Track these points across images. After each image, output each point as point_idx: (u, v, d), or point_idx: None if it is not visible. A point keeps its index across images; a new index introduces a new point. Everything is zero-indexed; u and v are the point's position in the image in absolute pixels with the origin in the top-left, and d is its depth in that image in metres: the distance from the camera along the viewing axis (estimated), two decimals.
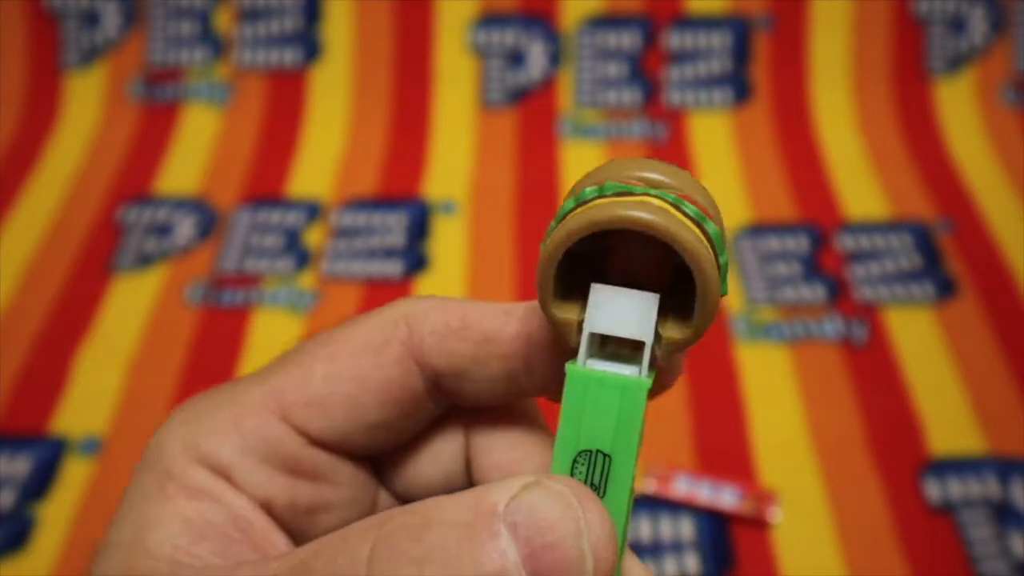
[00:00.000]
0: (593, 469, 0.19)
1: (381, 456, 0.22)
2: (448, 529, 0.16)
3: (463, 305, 0.21)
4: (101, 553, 0.19)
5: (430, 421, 0.22)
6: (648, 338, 0.19)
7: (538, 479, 0.17)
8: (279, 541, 0.20)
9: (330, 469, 0.21)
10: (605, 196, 0.19)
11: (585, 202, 0.19)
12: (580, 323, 0.19)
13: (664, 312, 0.19)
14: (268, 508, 0.21)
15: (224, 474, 0.20)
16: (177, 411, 0.21)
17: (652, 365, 0.19)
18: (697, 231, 0.18)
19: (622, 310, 0.19)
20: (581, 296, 0.20)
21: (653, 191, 0.19)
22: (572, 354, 0.20)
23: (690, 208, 0.18)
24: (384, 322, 0.21)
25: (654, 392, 0.20)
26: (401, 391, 0.21)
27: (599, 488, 0.19)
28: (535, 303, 0.21)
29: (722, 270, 0.19)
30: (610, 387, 0.19)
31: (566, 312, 0.19)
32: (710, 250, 0.18)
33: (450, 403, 0.22)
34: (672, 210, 0.18)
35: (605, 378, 0.19)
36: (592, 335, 0.19)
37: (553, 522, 0.16)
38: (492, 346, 0.21)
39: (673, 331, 0.19)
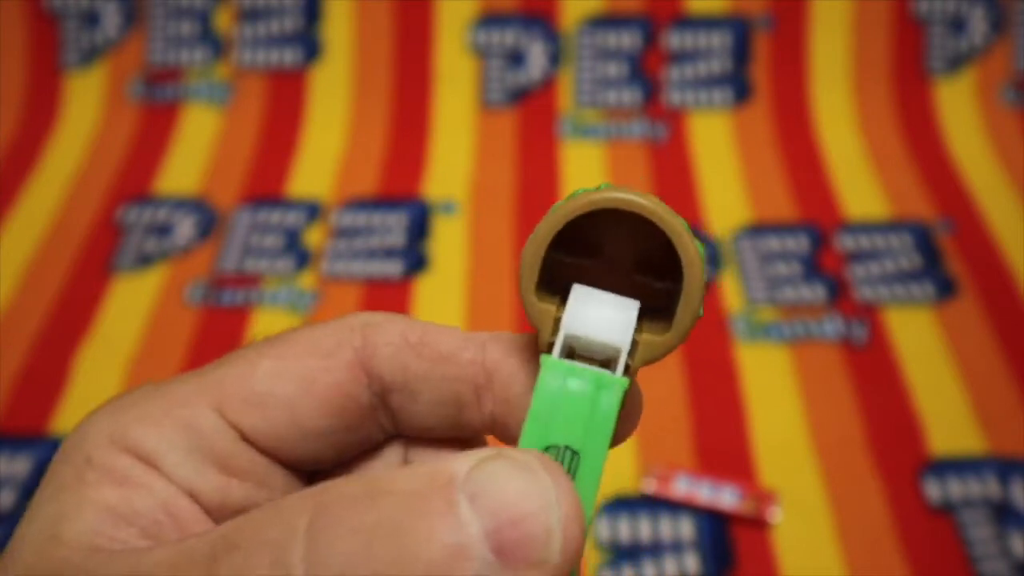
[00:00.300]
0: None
1: (319, 473, 0.21)
2: (399, 498, 0.15)
3: (424, 324, 0.20)
4: (9, 551, 0.18)
5: (372, 445, 0.21)
6: (625, 343, 0.19)
7: (499, 451, 0.16)
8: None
9: (265, 472, 0.20)
10: (600, 191, 0.19)
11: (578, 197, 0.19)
12: (557, 320, 0.19)
13: (640, 325, 0.19)
14: (197, 504, 0.19)
15: (151, 463, 0.19)
16: (106, 401, 0.20)
17: (625, 375, 0.19)
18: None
19: (601, 313, 0.19)
20: (561, 300, 0.20)
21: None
22: (535, 376, 0.19)
23: (682, 221, 0.19)
24: (340, 327, 0.20)
25: (616, 437, 0.19)
26: (346, 400, 0.20)
27: None
28: (496, 333, 0.20)
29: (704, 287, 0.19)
30: (587, 381, 0.18)
31: (545, 303, 0.19)
32: (699, 249, 0.19)
33: (394, 428, 0.21)
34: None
35: (583, 372, 0.18)
36: (564, 343, 0.19)
37: (520, 494, 0.15)
38: (446, 367, 0.20)
39: (650, 337, 0.19)
